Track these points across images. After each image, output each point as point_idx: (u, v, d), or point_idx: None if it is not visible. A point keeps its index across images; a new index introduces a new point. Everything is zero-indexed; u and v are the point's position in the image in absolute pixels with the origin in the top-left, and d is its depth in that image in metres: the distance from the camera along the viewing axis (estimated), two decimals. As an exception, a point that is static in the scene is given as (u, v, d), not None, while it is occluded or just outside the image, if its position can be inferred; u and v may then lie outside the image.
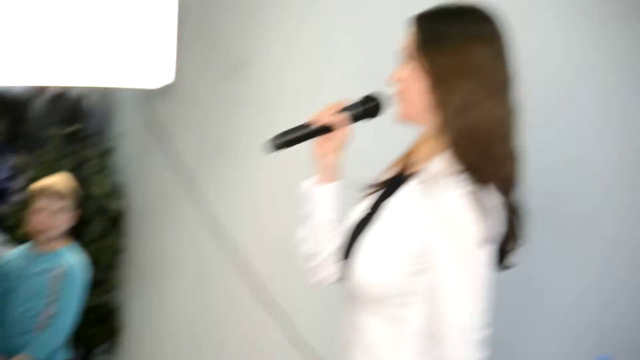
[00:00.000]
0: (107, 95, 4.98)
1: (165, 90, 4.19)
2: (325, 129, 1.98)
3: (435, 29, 1.87)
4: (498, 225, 1.79)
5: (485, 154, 1.80)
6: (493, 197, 1.78)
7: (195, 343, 4.22)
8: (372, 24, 3.72)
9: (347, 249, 1.94)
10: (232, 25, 4.15)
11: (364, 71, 3.58)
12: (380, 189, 1.98)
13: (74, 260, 3.60)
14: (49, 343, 3.50)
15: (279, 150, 1.99)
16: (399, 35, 1.91)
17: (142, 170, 4.56)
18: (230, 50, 4.13)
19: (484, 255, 1.77)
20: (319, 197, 2.02)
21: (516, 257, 1.88)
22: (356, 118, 1.99)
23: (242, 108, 4.07)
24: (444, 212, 1.78)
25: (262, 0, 4.08)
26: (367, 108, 1.99)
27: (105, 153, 4.74)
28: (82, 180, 4.28)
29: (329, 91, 3.75)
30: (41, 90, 9.07)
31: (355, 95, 1.97)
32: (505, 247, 1.84)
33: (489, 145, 1.81)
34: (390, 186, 1.94)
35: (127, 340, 4.55)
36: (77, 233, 4.12)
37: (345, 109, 1.98)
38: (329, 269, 2.06)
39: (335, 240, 2.02)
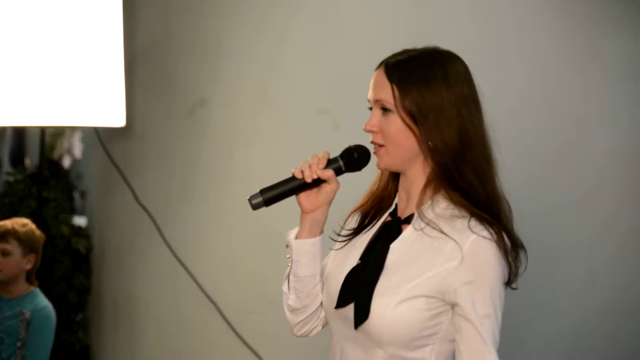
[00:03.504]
0: (65, 135, 5.04)
1: (122, 131, 4.24)
2: (313, 184, 1.94)
3: (412, 77, 1.86)
4: (513, 263, 1.83)
5: (487, 194, 1.84)
6: (506, 237, 1.81)
7: None
8: (329, 62, 3.82)
9: (349, 296, 1.90)
10: (186, 67, 4.25)
11: (319, 111, 3.71)
12: (357, 233, 1.99)
13: (41, 305, 3.59)
14: None
15: (265, 206, 1.94)
16: (360, 74, 1.96)
17: (105, 210, 4.59)
18: (185, 92, 4.23)
19: (504, 294, 1.82)
20: (302, 253, 1.98)
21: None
22: (341, 171, 1.95)
23: (201, 147, 4.18)
24: (473, 255, 1.79)
25: (213, 41, 4.16)
26: (354, 161, 1.96)
27: (67, 193, 4.77)
28: (46, 221, 4.30)
29: (284, 129, 3.92)
30: (0, 131, 8.95)
31: (311, 134, 2.02)
32: (508, 281, 1.85)
33: (486, 184, 1.85)
34: (386, 231, 1.93)
35: None
36: (43, 273, 4.08)
37: (330, 163, 1.95)
38: (314, 322, 2.06)
39: (320, 293, 2.01)
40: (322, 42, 3.85)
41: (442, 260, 1.80)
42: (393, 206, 1.99)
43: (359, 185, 2.07)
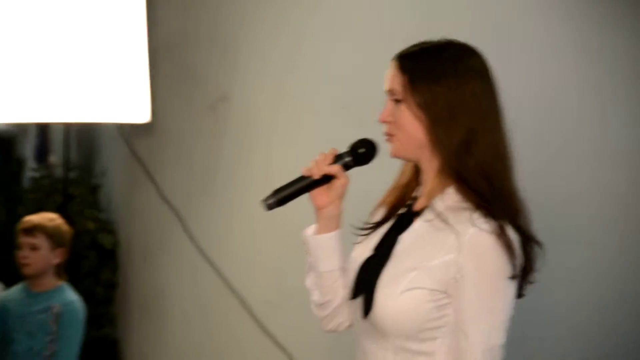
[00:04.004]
0: (89, 132, 5.09)
1: (146, 127, 4.27)
2: (323, 180, 1.97)
3: (422, 69, 1.87)
4: (519, 258, 1.80)
5: (493, 189, 1.83)
6: (511, 231, 1.80)
7: None
8: (349, 58, 3.81)
9: (360, 287, 1.93)
10: (207, 63, 4.27)
11: (341, 106, 3.71)
12: (381, 225, 2.00)
13: (70, 299, 3.62)
14: None
15: (277, 207, 1.98)
16: (380, 69, 1.94)
17: (129, 205, 4.64)
18: (207, 87, 4.24)
19: (511, 290, 1.81)
20: (321, 248, 2.01)
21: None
22: (350, 166, 1.98)
23: (223, 143, 4.20)
24: (472, 249, 1.79)
25: (233, 37, 4.17)
26: (360, 154, 1.98)
27: (93, 189, 4.80)
28: (72, 216, 4.32)
29: (304, 126, 3.93)
30: (25, 128, 9.04)
31: (331, 129, 2.04)
32: (523, 278, 1.85)
33: (495, 179, 1.84)
34: (398, 222, 1.95)
35: None
36: (70, 268, 4.13)
37: (337, 158, 1.97)
38: (342, 316, 2.06)
39: (344, 287, 2.02)
40: (342, 36, 3.86)
41: (443, 251, 1.81)
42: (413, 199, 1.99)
43: (388, 179, 2.09)
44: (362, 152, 1.99)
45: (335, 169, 1.96)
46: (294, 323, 3.95)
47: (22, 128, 10.93)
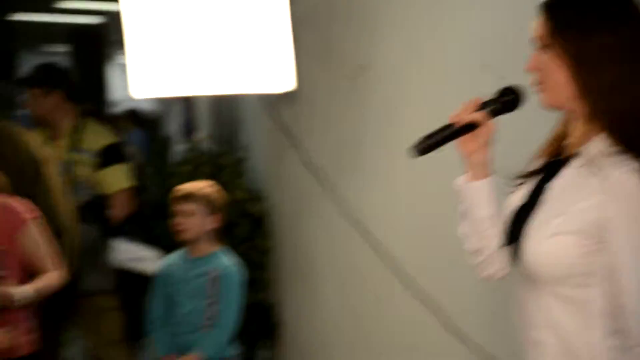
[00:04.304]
0: (232, 106, 5.19)
1: (289, 97, 4.34)
2: (468, 128, 1.98)
3: (570, 15, 1.86)
4: None
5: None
6: None
7: (347, 334, 4.35)
8: (487, 18, 3.80)
9: (514, 234, 1.94)
10: (349, 32, 4.29)
11: (482, 65, 3.69)
12: (536, 175, 1.99)
13: (228, 263, 3.70)
14: (216, 341, 3.61)
15: (424, 154, 1.99)
16: (520, 27, 1.98)
17: (277, 174, 4.71)
18: (349, 56, 4.27)
19: None
20: (474, 195, 2.03)
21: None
22: (496, 113, 1.99)
23: (365, 110, 4.22)
24: (618, 191, 1.77)
25: (372, 4, 4.18)
26: (506, 101, 2.00)
27: (241, 159, 4.88)
28: (222, 186, 4.38)
29: (448, 87, 3.90)
30: (169, 108, 9.34)
31: (474, 88, 2.06)
32: None
33: None
34: (548, 170, 1.95)
35: (285, 335, 4.70)
36: (225, 235, 4.24)
37: (484, 105, 1.99)
38: (498, 263, 2.07)
39: (497, 235, 2.03)
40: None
41: (589, 196, 1.80)
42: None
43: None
44: (507, 100, 2.01)
45: (479, 115, 1.98)
46: (448, 282, 3.99)
47: (166, 109, 11.35)
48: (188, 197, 3.71)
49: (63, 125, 4.59)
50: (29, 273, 3.40)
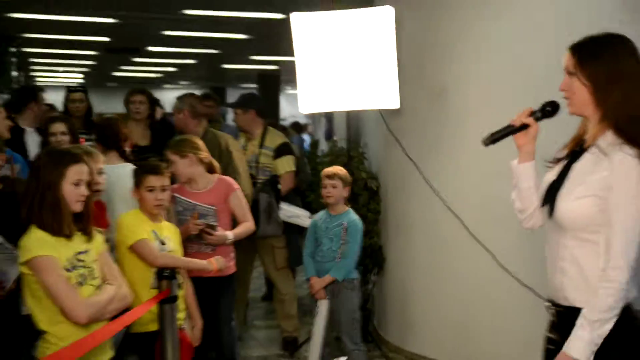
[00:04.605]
0: (359, 116, 5.13)
1: (394, 110, 4.27)
2: (522, 128, 1.98)
3: (588, 52, 1.84)
4: None
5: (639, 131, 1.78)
6: None
7: (428, 268, 4.29)
8: (533, 52, 3.75)
9: (551, 198, 1.92)
10: (435, 61, 4.20)
11: (533, 88, 3.54)
12: (563, 160, 1.96)
13: (354, 218, 3.67)
14: (344, 268, 3.60)
15: (492, 144, 1.99)
16: (560, 59, 1.92)
17: (386, 162, 4.63)
18: (435, 79, 4.19)
19: None
20: (522, 172, 2.01)
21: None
22: (540, 118, 1.98)
23: (446, 118, 4.16)
24: (618, 168, 1.76)
25: (452, 41, 4.09)
26: (547, 111, 1.98)
27: (363, 152, 4.83)
28: (352, 170, 4.41)
29: (503, 101, 3.83)
30: (316, 119, 9.29)
31: (526, 104, 2.06)
32: None
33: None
34: (573, 156, 1.93)
35: (388, 267, 4.64)
36: (352, 202, 4.24)
37: (532, 113, 1.98)
38: (536, 218, 2.03)
39: (536, 199, 2.00)
40: (529, 38, 3.81)
41: (601, 170, 1.80)
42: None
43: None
44: (548, 109, 1.99)
45: (530, 120, 1.98)
46: (498, 230, 3.93)
47: (315, 121, 11.36)
48: (333, 175, 3.69)
49: (255, 132, 4.67)
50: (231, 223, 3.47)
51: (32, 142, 4.38)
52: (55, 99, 5.33)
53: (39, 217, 2.17)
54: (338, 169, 3.77)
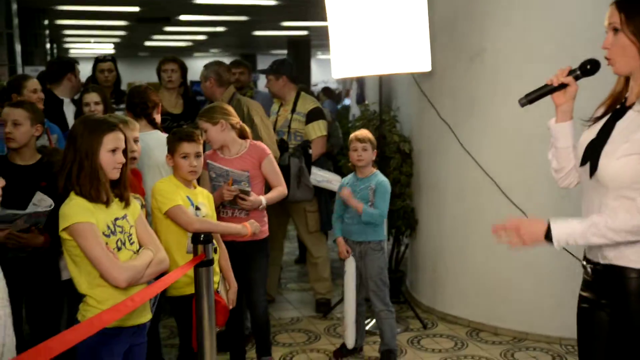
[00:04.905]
0: (391, 80, 5.06)
1: (427, 74, 4.24)
2: (561, 87, 1.94)
3: (635, 7, 1.80)
4: None
5: None
6: None
7: (459, 229, 4.29)
8: (573, 13, 3.72)
9: (588, 157, 1.88)
10: (468, 25, 4.15)
11: (570, 47, 3.56)
12: (601, 118, 1.92)
13: (381, 179, 3.63)
14: (371, 215, 3.53)
15: (528, 104, 1.98)
16: (600, 16, 1.88)
17: (419, 125, 4.60)
18: (468, 43, 4.14)
19: None
20: (560, 132, 1.98)
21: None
22: (579, 77, 1.94)
23: (479, 80, 4.11)
24: None
25: (489, 4, 4.04)
26: (587, 69, 1.93)
27: (395, 116, 4.79)
28: (384, 133, 4.45)
29: (537, 61, 3.79)
30: (347, 85, 9.25)
31: (563, 64, 2.01)
32: None
33: None
34: (615, 114, 1.88)
35: (420, 228, 4.64)
36: (384, 165, 4.29)
37: (571, 72, 1.93)
38: (572, 177, 2.02)
39: (573, 158, 1.98)
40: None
41: None
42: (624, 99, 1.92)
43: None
44: (588, 67, 1.94)
45: (569, 79, 1.94)
46: (532, 190, 3.92)
47: (345, 85, 11.28)
48: (363, 139, 3.67)
49: (288, 97, 4.67)
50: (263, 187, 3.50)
51: (70, 113, 4.45)
52: (87, 70, 5.36)
53: (77, 185, 2.21)
54: (367, 132, 3.76)
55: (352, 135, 3.73)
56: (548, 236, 1.84)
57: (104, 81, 4.93)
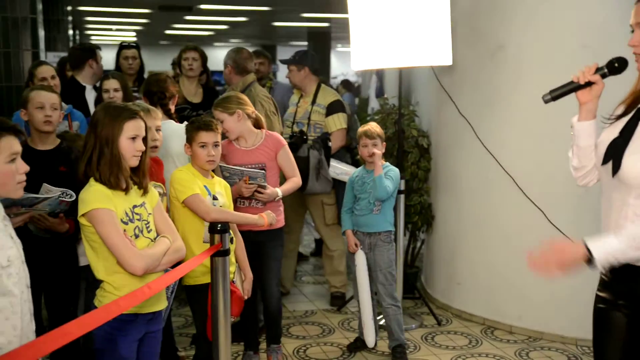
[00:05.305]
0: (410, 73, 5.04)
1: (447, 68, 4.22)
2: (586, 85, 1.90)
3: None
4: None
5: None
6: None
7: (477, 225, 4.27)
8: (590, 14, 3.68)
9: (610, 156, 1.85)
10: (489, 22, 4.12)
11: (583, 46, 3.58)
12: (622, 117, 1.89)
13: (390, 168, 3.62)
14: (383, 184, 3.50)
15: (554, 101, 1.95)
16: (623, 14, 1.84)
17: (438, 120, 4.58)
18: (490, 39, 4.11)
19: None
20: (582, 130, 1.94)
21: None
22: (606, 75, 1.90)
23: (500, 76, 4.08)
24: None
25: (510, 1, 4.02)
26: (615, 67, 1.89)
27: (414, 110, 4.76)
28: (402, 127, 4.38)
29: (558, 59, 3.76)
30: (367, 77, 9.20)
31: (585, 62, 1.93)
32: None
33: None
34: (637, 114, 1.85)
35: (437, 224, 4.63)
36: (402, 159, 4.26)
37: (598, 70, 1.89)
38: (591, 176, 2.00)
39: (594, 157, 1.94)
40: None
41: None
42: None
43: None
44: (616, 66, 1.90)
45: (596, 77, 1.90)
46: (551, 187, 3.89)
47: (365, 78, 11.26)
48: (372, 136, 3.64)
49: (309, 89, 4.67)
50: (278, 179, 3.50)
51: (92, 100, 4.48)
52: (109, 57, 5.38)
53: (97, 172, 2.23)
54: (377, 127, 3.71)
55: (360, 131, 3.70)
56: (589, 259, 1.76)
57: (127, 68, 4.94)
